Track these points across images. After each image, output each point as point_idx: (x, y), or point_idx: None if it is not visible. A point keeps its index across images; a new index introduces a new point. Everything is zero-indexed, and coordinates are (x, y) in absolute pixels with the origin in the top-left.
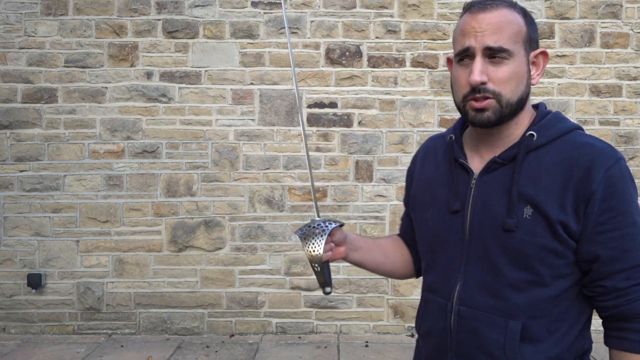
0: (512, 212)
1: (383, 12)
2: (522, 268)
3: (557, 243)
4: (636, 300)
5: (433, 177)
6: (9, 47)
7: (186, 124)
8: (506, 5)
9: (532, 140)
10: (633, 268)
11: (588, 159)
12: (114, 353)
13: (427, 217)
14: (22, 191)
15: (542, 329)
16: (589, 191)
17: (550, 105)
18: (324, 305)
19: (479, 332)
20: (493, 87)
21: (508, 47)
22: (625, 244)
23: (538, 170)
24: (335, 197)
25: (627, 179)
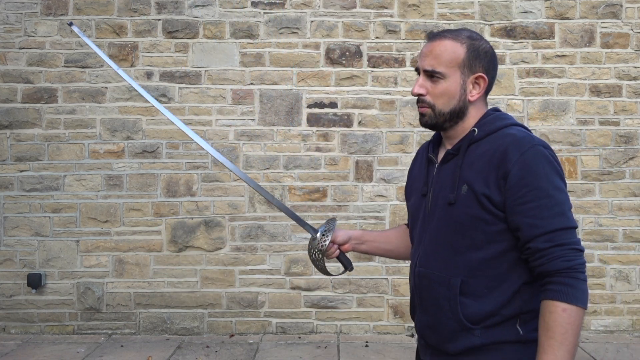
0: (453, 190)
1: (383, 12)
2: (461, 235)
3: (485, 212)
4: (555, 258)
5: (417, 172)
6: (9, 47)
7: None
8: (451, 37)
9: (474, 135)
10: (551, 232)
11: (506, 145)
12: (114, 353)
13: (411, 204)
14: (22, 191)
15: (480, 287)
16: (506, 170)
17: (551, 105)
18: (324, 305)
19: (430, 287)
20: (429, 99)
21: (440, 70)
22: (541, 212)
23: (475, 157)
24: (335, 197)
25: (543, 160)
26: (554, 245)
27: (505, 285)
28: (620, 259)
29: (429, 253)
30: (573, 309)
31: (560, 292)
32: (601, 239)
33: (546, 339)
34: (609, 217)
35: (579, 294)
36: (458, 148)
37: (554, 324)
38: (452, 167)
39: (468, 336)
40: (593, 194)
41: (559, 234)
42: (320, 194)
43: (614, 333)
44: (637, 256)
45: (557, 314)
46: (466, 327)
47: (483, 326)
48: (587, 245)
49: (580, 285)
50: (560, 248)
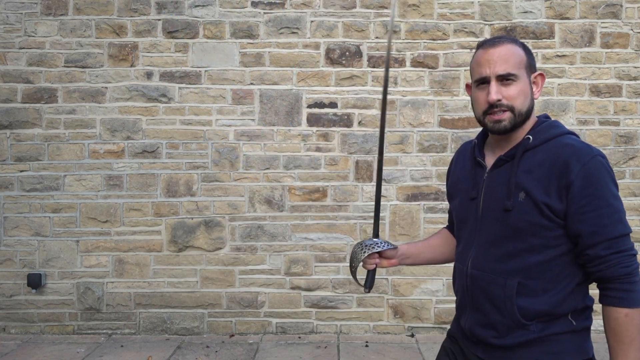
0: (510, 197)
1: (383, 12)
2: (518, 239)
3: (544, 219)
4: (614, 265)
5: (461, 173)
6: (9, 47)
7: (186, 124)
8: (510, 41)
9: (529, 142)
10: (611, 240)
11: (568, 156)
12: (114, 353)
13: (456, 204)
14: (22, 191)
15: (536, 288)
16: (569, 180)
17: (551, 105)
18: (324, 305)
19: (485, 289)
20: (507, 102)
21: (514, 72)
22: (602, 221)
23: (531, 165)
24: (336, 197)
25: (603, 170)
26: (613, 252)
27: (560, 287)
28: None
29: (482, 255)
30: (635, 312)
31: (621, 299)
32: None
33: (615, 342)
34: None
35: (637, 297)
36: (512, 155)
37: (620, 329)
38: (506, 174)
39: (523, 331)
40: None
41: (618, 241)
42: (320, 194)
43: None
44: (637, 256)
45: (621, 319)
46: (521, 324)
47: (538, 322)
48: None
49: (638, 288)
50: (618, 255)
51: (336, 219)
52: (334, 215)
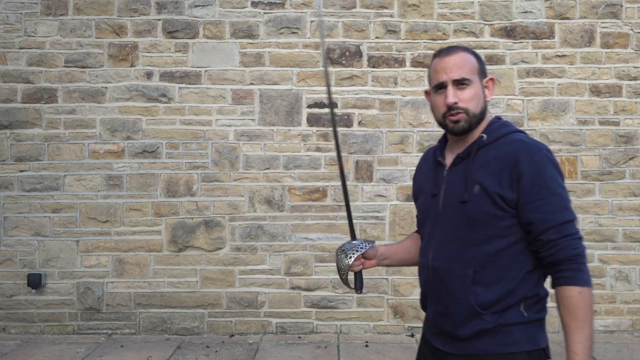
0: (466, 190)
1: (383, 12)
2: (473, 230)
3: (497, 209)
4: (565, 248)
5: (425, 176)
6: (9, 47)
7: (186, 124)
8: (463, 49)
9: (483, 140)
10: (560, 225)
11: (517, 150)
12: (114, 353)
13: (420, 204)
14: (22, 191)
15: (491, 276)
16: (519, 172)
17: (551, 105)
18: (324, 305)
19: (445, 279)
20: (462, 105)
21: (468, 77)
22: (551, 208)
23: (485, 160)
24: (336, 197)
25: (549, 163)
26: (562, 236)
27: (512, 274)
28: (620, 259)
29: (442, 247)
30: (586, 290)
31: (574, 278)
32: (601, 239)
33: (570, 320)
34: (609, 217)
35: (587, 277)
36: (469, 152)
37: (575, 307)
38: (463, 170)
39: (479, 321)
40: (593, 194)
41: (566, 226)
42: (320, 194)
43: (614, 333)
44: (637, 256)
45: (575, 297)
46: (477, 313)
47: (492, 311)
48: (587, 245)
49: (585, 268)
50: (567, 238)
51: (336, 219)
52: (334, 215)
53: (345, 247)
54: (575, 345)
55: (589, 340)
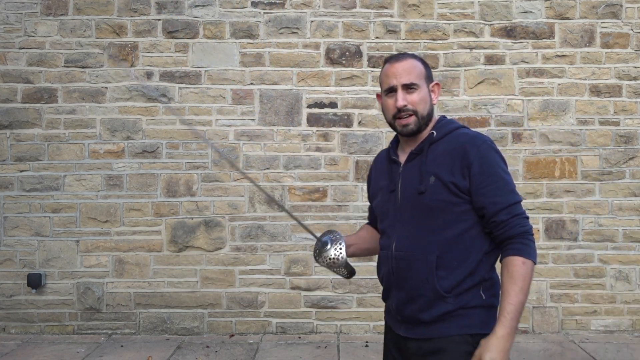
0: (422, 181)
1: (383, 12)
2: (433, 217)
3: (452, 196)
4: (514, 226)
5: (380, 175)
6: (9, 47)
7: (186, 124)
8: (411, 56)
9: (433, 136)
10: (509, 206)
11: (464, 142)
12: (114, 353)
13: (378, 202)
14: (22, 191)
15: (452, 260)
16: (468, 162)
17: (551, 105)
18: (324, 305)
19: (409, 267)
20: (411, 107)
21: (416, 82)
22: (499, 192)
23: (437, 154)
24: (335, 197)
25: (493, 152)
26: (512, 216)
27: (471, 257)
28: (620, 259)
29: (404, 238)
30: (529, 262)
31: (520, 250)
32: (601, 239)
33: (510, 284)
34: (609, 217)
35: (532, 251)
36: (421, 148)
37: (516, 274)
38: (417, 164)
39: (442, 304)
40: (593, 194)
41: (514, 207)
42: (320, 194)
43: (614, 333)
44: (637, 256)
45: (519, 266)
46: (441, 296)
47: (454, 294)
48: (587, 245)
49: (533, 245)
50: (515, 218)
51: (336, 219)
52: (334, 215)
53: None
54: (509, 306)
55: (521, 306)
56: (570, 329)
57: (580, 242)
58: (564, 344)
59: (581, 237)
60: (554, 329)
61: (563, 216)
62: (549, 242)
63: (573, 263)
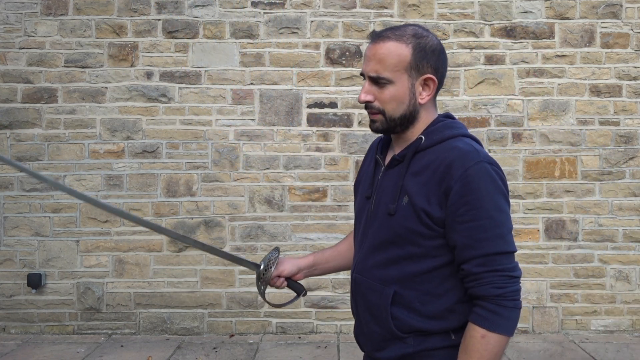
0: (394, 200)
1: (383, 12)
2: (398, 246)
3: (422, 227)
4: (485, 284)
5: (366, 170)
6: (9, 47)
7: (186, 124)
8: (395, 38)
9: (421, 142)
10: (486, 256)
11: (451, 159)
12: (114, 353)
13: (357, 201)
14: (22, 191)
15: (413, 299)
16: (449, 186)
17: (551, 105)
18: (324, 305)
19: (365, 295)
20: (378, 105)
21: (386, 75)
22: (478, 234)
23: (419, 167)
24: (335, 197)
25: (486, 178)
26: (487, 270)
27: (439, 302)
28: (620, 259)
29: (366, 259)
30: (493, 337)
31: (483, 318)
32: (601, 239)
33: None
34: (609, 217)
35: (503, 322)
36: (404, 155)
37: (472, 349)
38: (396, 175)
39: (400, 344)
40: (593, 194)
41: (494, 259)
42: (320, 194)
43: (614, 333)
44: (637, 256)
45: (476, 339)
46: (397, 336)
47: (415, 335)
48: (587, 245)
49: (507, 312)
50: (492, 274)
51: (336, 219)
52: (334, 215)
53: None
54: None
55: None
56: (570, 329)
57: (580, 242)
58: (564, 344)
59: (581, 237)
60: (554, 329)
61: (563, 216)
62: (549, 242)
63: (573, 263)
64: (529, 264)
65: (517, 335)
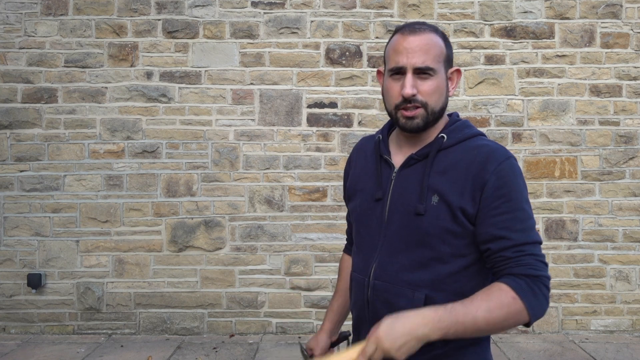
0: (422, 200)
1: (383, 12)
2: (427, 247)
3: (457, 225)
4: (524, 265)
5: (362, 171)
6: (9, 47)
7: (186, 124)
8: (431, 30)
9: (443, 141)
10: (523, 244)
11: (484, 156)
12: (114, 353)
13: (356, 205)
14: (22, 191)
15: (443, 301)
16: (483, 180)
17: (551, 105)
18: (324, 305)
19: (390, 301)
20: (421, 98)
21: (432, 66)
22: (514, 225)
23: (445, 166)
24: (335, 197)
25: (517, 173)
26: (524, 254)
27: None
28: (620, 259)
29: (388, 265)
30: (519, 305)
31: (520, 287)
32: (601, 239)
33: (480, 298)
34: (609, 217)
35: (535, 301)
36: (425, 154)
37: (496, 298)
38: (418, 174)
39: (428, 347)
40: (593, 194)
41: (530, 247)
42: (320, 194)
43: (614, 333)
44: (637, 256)
45: (504, 295)
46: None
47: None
48: (587, 245)
49: (541, 296)
50: (529, 257)
51: (336, 219)
52: (334, 215)
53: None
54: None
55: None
56: (570, 329)
57: (580, 242)
58: (564, 344)
59: (581, 237)
60: (554, 329)
61: (563, 216)
62: (549, 242)
63: (573, 263)
64: None
65: (517, 335)
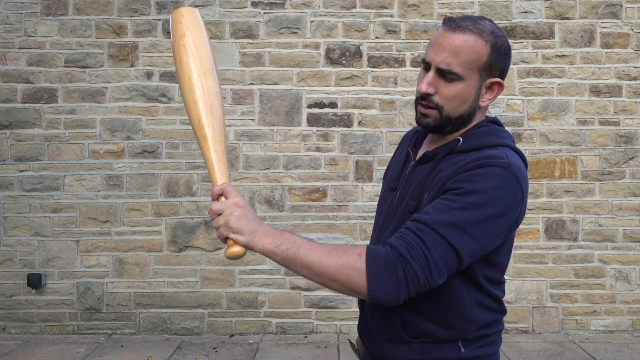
0: (414, 198)
1: (383, 12)
2: None
3: None
4: (402, 238)
5: (396, 159)
6: (9, 47)
7: (186, 124)
8: (475, 32)
9: (457, 144)
10: (423, 223)
11: (476, 159)
12: (114, 353)
13: (381, 191)
14: (22, 191)
15: (423, 303)
16: (455, 174)
17: (551, 105)
18: (324, 305)
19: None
20: (437, 100)
21: (457, 70)
22: (440, 207)
23: (449, 169)
24: (335, 197)
25: (496, 179)
26: (413, 232)
27: (449, 307)
28: (620, 259)
29: None
30: (361, 267)
31: (375, 255)
32: (601, 239)
33: (331, 244)
34: (609, 217)
35: (379, 275)
36: (436, 154)
37: (343, 248)
38: (424, 173)
39: (406, 349)
40: (593, 194)
41: (429, 233)
42: (320, 194)
43: (614, 333)
44: (637, 256)
45: (353, 250)
46: (404, 340)
47: (422, 341)
48: (587, 245)
49: (392, 275)
50: (415, 237)
51: (336, 219)
52: (334, 215)
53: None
54: (301, 241)
55: (307, 260)
56: (570, 329)
57: (580, 242)
58: (564, 344)
59: (581, 237)
60: (554, 329)
61: (563, 216)
62: (549, 242)
63: (573, 263)
64: (529, 264)
65: (517, 335)
